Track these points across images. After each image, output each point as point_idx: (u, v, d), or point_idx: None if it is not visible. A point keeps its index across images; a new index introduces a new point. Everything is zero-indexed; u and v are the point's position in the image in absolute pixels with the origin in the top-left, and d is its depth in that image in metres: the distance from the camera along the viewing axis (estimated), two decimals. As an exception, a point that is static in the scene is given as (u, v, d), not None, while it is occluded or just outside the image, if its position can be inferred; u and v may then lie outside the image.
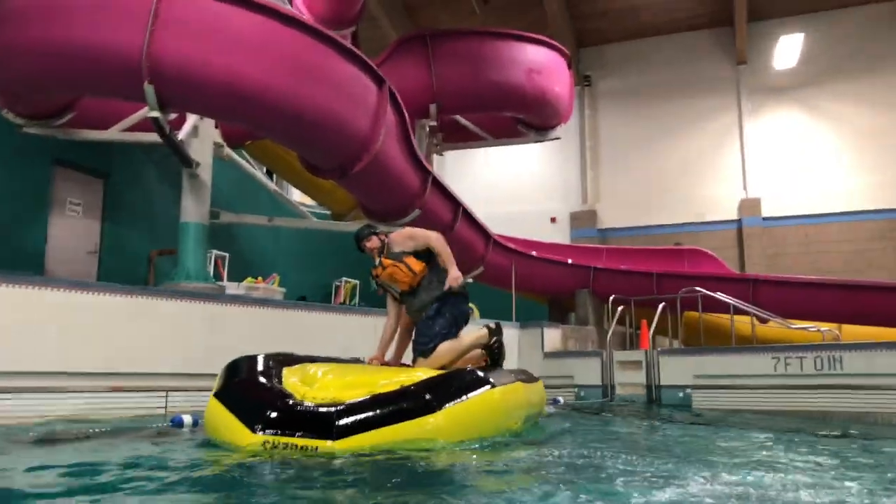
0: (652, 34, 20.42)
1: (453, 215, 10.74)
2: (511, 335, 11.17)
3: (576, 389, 10.70)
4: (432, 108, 11.26)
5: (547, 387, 10.64)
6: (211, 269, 11.40)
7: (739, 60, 19.57)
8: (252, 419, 3.68)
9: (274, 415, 3.67)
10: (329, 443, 3.54)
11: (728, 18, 19.19)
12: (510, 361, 10.92)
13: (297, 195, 16.44)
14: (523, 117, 12.95)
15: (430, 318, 5.22)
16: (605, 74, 20.97)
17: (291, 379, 4.32)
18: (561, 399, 9.34)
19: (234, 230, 13.29)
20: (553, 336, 11.64)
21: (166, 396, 6.57)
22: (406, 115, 8.73)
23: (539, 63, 12.02)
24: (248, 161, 12.49)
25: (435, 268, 5.33)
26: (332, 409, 3.72)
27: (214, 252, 11.56)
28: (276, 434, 3.57)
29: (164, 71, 6.50)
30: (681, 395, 9.86)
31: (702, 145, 19.60)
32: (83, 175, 10.76)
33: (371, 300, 13.13)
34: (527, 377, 6.00)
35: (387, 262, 5.30)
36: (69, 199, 10.59)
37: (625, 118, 20.49)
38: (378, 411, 3.75)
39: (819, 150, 18.64)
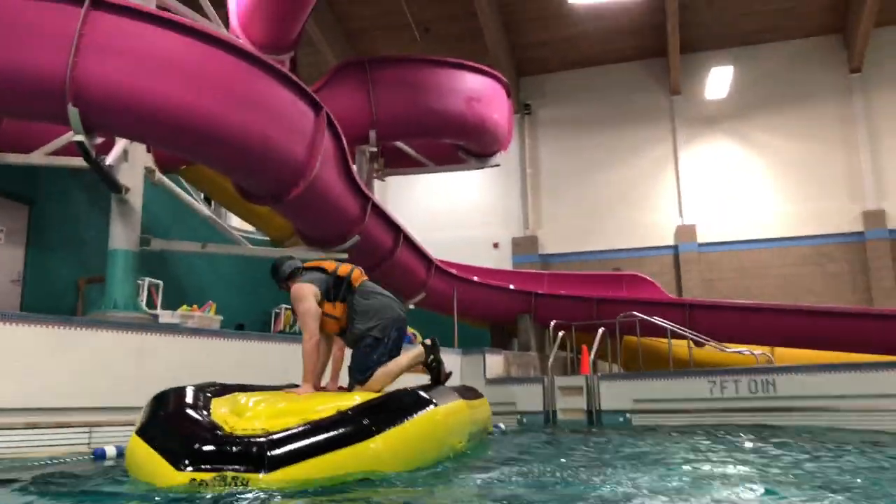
0: (590, 64, 20.91)
1: (394, 241, 10.66)
2: (453, 361, 11.08)
3: (518, 416, 10.66)
4: (372, 134, 11.22)
5: (492, 413, 10.69)
6: (144, 298, 11.03)
7: (673, 91, 20.17)
8: (176, 455, 3.44)
9: (199, 449, 3.44)
10: (261, 476, 3.32)
11: (662, 50, 19.80)
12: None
13: (236, 221, 16.13)
14: (463, 144, 13.01)
15: (367, 346, 5.10)
16: (545, 103, 21.33)
17: (220, 410, 4.10)
18: (503, 426, 9.28)
19: (169, 257, 12.90)
20: (495, 362, 11.60)
21: (90, 432, 6.26)
22: (344, 141, 8.65)
23: (478, 91, 12.12)
24: (183, 187, 12.19)
25: (356, 298, 5.21)
26: (263, 439, 3.50)
27: (148, 280, 11.19)
28: (203, 470, 3.34)
29: (88, 93, 6.28)
30: (621, 419, 9.93)
31: (639, 173, 20.06)
32: (6, 200, 10.31)
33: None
34: (471, 394, 5.91)
35: None
36: (-9, 225, 10.13)
37: (564, 146, 20.85)
38: (312, 439, 3.54)
39: (750, 178, 19.29)
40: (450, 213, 20.85)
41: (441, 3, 18.68)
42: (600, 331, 11.14)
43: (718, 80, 18.69)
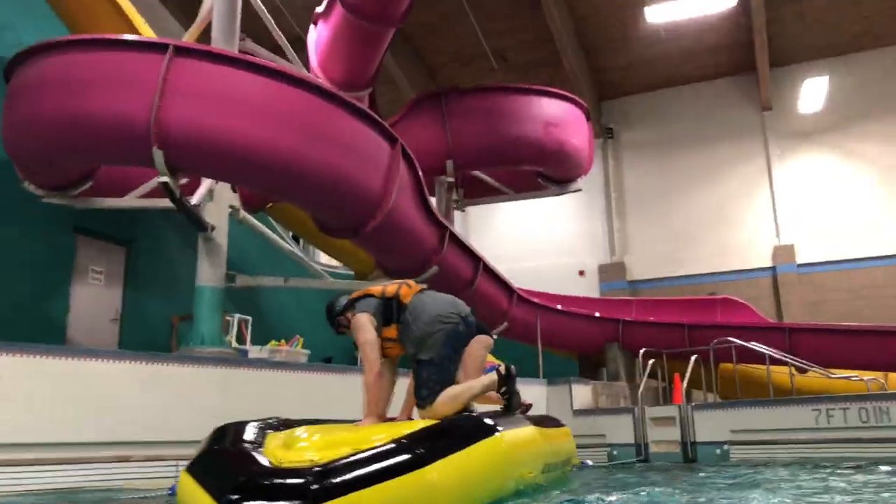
0: (673, 84, 20.39)
1: (473, 271, 10.57)
2: (538, 392, 10.82)
3: (608, 448, 10.26)
4: (448, 164, 11.25)
5: (579, 445, 10.31)
6: (234, 334, 11.35)
7: (764, 106, 19.36)
8: (218, 489, 3.24)
9: (240, 481, 3.23)
10: None
11: (751, 65, 19.07)
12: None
13: (324, 258, 16.47)
14: (543, 170, 12.87)
15: (421, 366, 4.75)
16: (627, 126, 20.91)
17: (274, 443, 3.94)
18: (590, 462, 8.91)
19: (258, 294, 13.27)
20: (583, 392, 11.25)
21: (177, 466, 6.39)
22: (419, 172, 8.67)
23: (556, 116, 11.99)
24: (270, 225, 12.55)
25: (405, 316, 4.89)
26: (308, 469, 3.29)
27: (237, 316, 11.51)
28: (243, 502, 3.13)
29: (171, 136, 6.55)
30: (718, 451, 9.38)
31: (730, 192, 19.27)
32: (105, 243, 10.87)
33: (401, 361, 12.86)
34: (549, 423, 5.56)
35: None
36: (91, 266, 10.68)
37: (649, 168, 20.31)
38: (362, 470, 3.28)
39: (853, 191, 18.18)
40: (534, 242, 20.61)
41: (517, 31, 18.71)
42: (693, 358, 10.63)
43: (812, 93, 17.83)
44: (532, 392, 10.72)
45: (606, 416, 10.59)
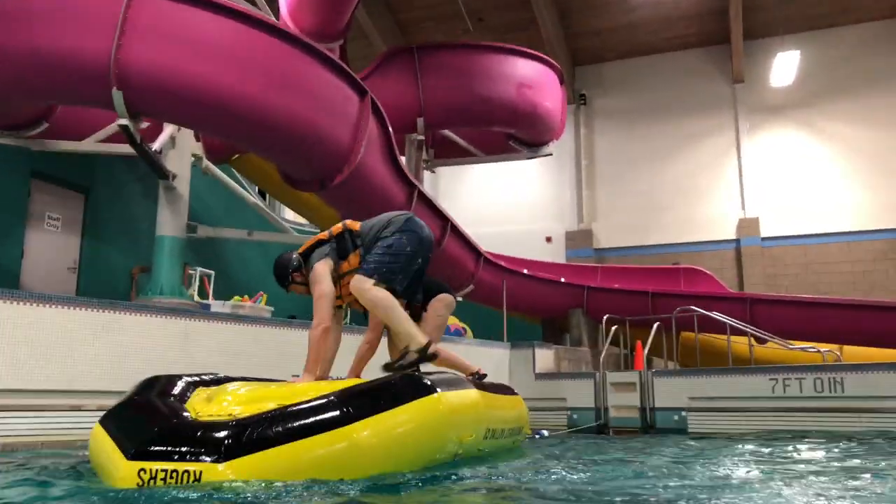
0: (648, 52, 20.27)
1: (441, 231, 10.47)
2: (500, 355, 10.84)
3: (568, 412, 10.35)
4: (419, 121, 11.04)
5: (539, 409, 10.37)
6: (196, 287, 11.12)
7: (736, 79, 19.39)
8: (128, 443, 3.05)
9: (151, 435, 3.05)
10: (219, 466, 2.89)
11: (724, 37, 19.03)
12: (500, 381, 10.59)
13: (290, 214, 16.21)
14: (514, 132, 12.72)
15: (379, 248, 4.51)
16: (601, 93, 20.80)
17: (199, 397, 3.72)
18: (545, 432, 8.88)
19: (222, 249, 13.02)
20: (545, 357, 11.30)
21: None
22: (390, 127, 8.49)
23: (529, 77, 11.81)
24: (236, 178, 12.26)
25: (357, 239, 4.67)
26: (224, 424, 3.09)
27: (199, 269, 11.28)
28: (153, 460, 2.93)
29: (132, 77, 6.28)
30: (675, 418, 9.52)
31: (699, 164, 19.36)
32: (62, 189, 10.51)
33: (361, 320, 12.75)
34: (497, 389, 5.23)
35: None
36: (48, 213, 10.33)
37: (621, 137, 20.29)
38: (281, 425, 3.06)
39: (818, 169, 18.39)
40: (502, 207, 20.53)
41: (494, -9, 18.39)
42: (655, 325, 10.73)
43: (784, 67, 17.86)
44: (495, 355, 10.74)
45: (568, 381, 10.65)
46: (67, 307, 5.95)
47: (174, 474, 2.88)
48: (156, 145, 7.99)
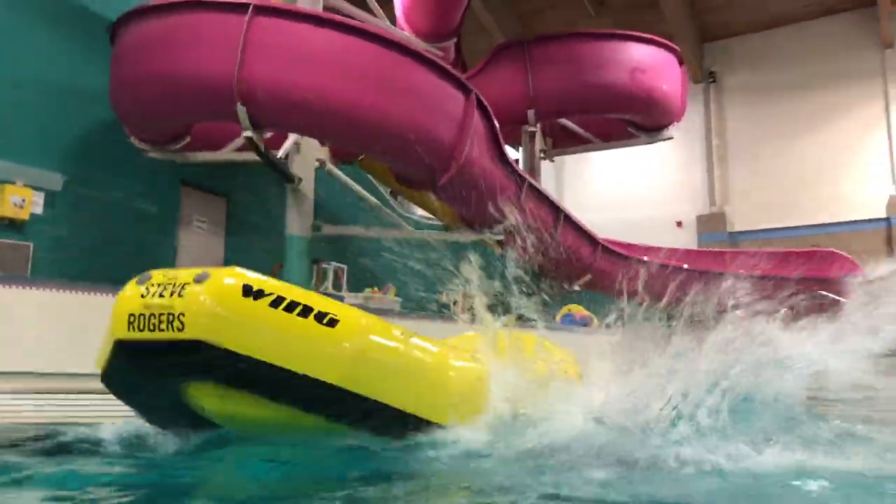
0: (783, 23, 19.16)
1: (554, 221, 10.59)
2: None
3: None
4: (530, 113, 11.19)
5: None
6: (331, 281, 11.92)
7: (885, 44, 17.91)
8: None
9: None
10: None
11: (870, -1, 17.66)
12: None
13: (420, 211, 16.77)
14: (631, 118, 12.56)
15: None
16: (731, 69, 19.90)
17: None
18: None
19: (355, 245, 13.78)
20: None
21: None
22: (495, 122, 8.73)
23: (644, 62, 11.62)
24: (366, 178, 12.95)
25: None
26: None
27: (334, 264, 12.05)
28: None
29: (253, 92, 6.93)
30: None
31: (842, 138, 18.09)
32: (207, 194, 11.60)
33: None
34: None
35: None
36: (195, 216, 11.46)
37: (754, 114, 19.33)
38: None
39: (984, 137, 16.69)
40: (628, 191, 20.20)
41: (615, -27, 18.09)
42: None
43: (941, 27, 16.35)
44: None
45: (689, 369, 10.45)
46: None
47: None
48: (281, 152, 8.69)
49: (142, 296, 3.22)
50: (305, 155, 9.44)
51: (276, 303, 3.21)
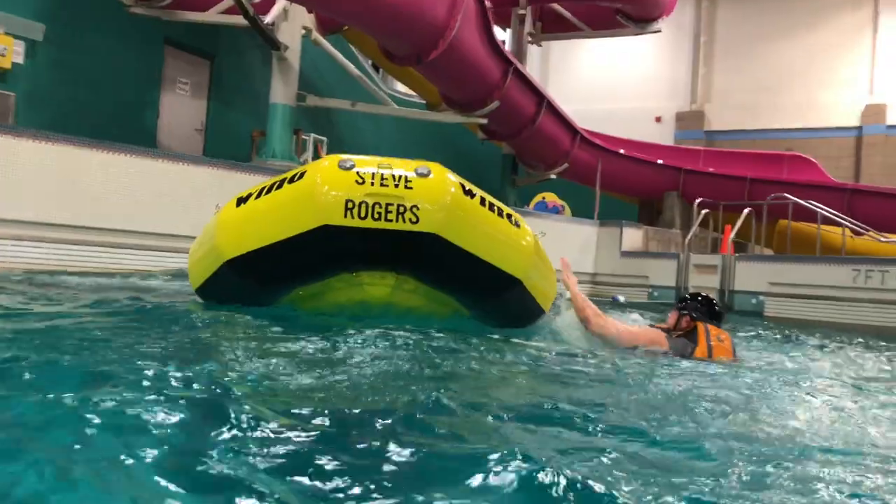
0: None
1: (536, 108, 10.74)
2: (588, 232, 11.30)
3: (649, 289, 10.80)
4: (521, -5, 11.08)
5: (622, 285, 10.85)
6: (311, 152, 12.03)
7: (883, -54, 17.60)
8: None
9: None
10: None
11: None
12: (587, 259, 11.08)
13: (401, 86, 16.66)
14: (621, 7, 12.46)
15: None
16: (727, -37, 19.45)
17: None
18: (622, 297, 9.42)
19: (337, 117, 13.77)
20: (633, 236, 11.64)
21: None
22: (486, 4, 8.70)
23: (639, -51, 11.44)
24: (349, 50, 12.79)
25: None
26: None
27: (313, 135, 12.12)
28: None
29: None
30: (753, 301, 9.78)
31: (827, 42, 18.01)
32: (191, 55, 11.45)
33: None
34: None
35: None
36: (179, 77, 11.36)
37: (744, 13, 19.06)
38: None
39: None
40: (613, 83, 20.07)
41: None
42: (745, 211, 10.75)
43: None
44: (583, 232, 11.22)
45: (652, 259, 11.04)
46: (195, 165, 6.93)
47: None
48: (268, 18, 8.62)
49: (357, 182, 3.09)
50: (293, 22, 9.35)
51: (482, 202, 3.31)
